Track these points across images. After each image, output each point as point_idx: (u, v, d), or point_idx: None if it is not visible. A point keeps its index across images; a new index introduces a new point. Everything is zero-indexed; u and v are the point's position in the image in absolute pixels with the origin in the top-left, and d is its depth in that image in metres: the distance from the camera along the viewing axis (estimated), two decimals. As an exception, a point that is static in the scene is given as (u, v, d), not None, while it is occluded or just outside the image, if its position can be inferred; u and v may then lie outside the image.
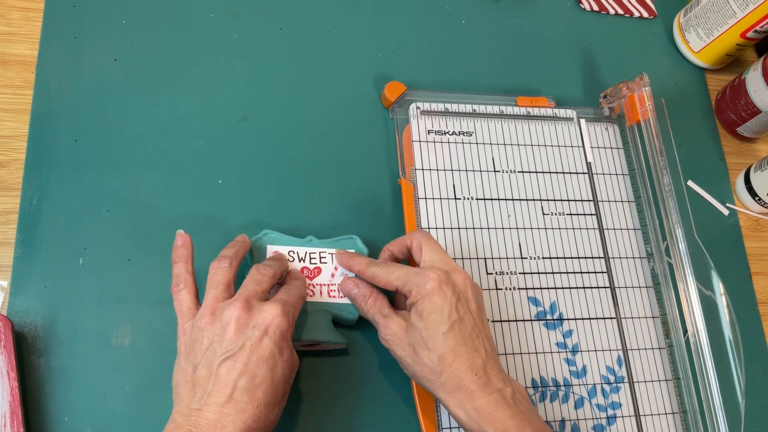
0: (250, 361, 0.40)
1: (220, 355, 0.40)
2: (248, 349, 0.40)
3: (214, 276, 0.44)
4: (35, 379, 0.45)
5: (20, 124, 0.52)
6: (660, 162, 0.58)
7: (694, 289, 0.54)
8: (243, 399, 0.39)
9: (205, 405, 0.39)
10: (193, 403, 0.39)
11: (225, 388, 0.39)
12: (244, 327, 0.41)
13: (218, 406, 0.38)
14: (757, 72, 0.62)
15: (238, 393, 0.39)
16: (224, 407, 0.38)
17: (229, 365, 0.39)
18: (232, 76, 0.57)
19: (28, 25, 0.55)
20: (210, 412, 0.38)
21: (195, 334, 0.42)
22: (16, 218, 0.49)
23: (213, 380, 0.39)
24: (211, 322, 0.41)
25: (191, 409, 0.39)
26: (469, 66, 0.64)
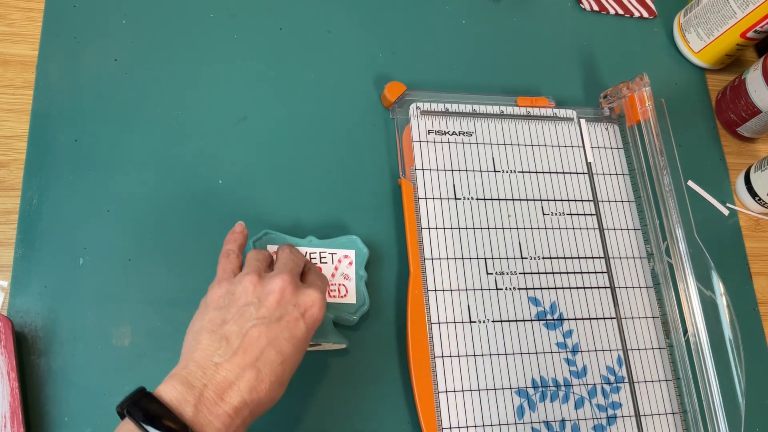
0: (281, 336, 0.39)
1: (254, 318, 0.39)
2: (283, 324, 0.40)
3: (226, 266, 0.44)
4: (35, 379, 0.45)
5: (20, 124, 0.52)
6: (660, 162, 0.58)
7: (694, 289, 0.54)
8: (265, 369, 0.38)
9: (227, 362, 0.37)
10: (215, 356, 0.38)
11: (252, 351, 0.38)
12: (287, 302, 0.41)
13: (240, 368, 0.37)
14: (758, 72, 0.62)
15: (263, 362, 0.38)
16: (246, 371, 0.38)
17: (260, 330, 0.39)
18: (232, 76, 0.57)
19: (29, 25, 0.55)
20: (230, 372, 0.37)
21: (235, 288, 0.41)
22: (16, 218, 0.49)
23: (241, 339, 0.38)
24: (255, 284, 0.41)
25: (211, 362, 0.37)
26: (469, 66, 0.64)
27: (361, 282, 0.50)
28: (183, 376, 0.37)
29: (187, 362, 0.38)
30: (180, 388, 0.36)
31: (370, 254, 0.52)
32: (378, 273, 0.53)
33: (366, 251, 0.51)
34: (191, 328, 0.41)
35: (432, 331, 0.51)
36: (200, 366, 0.37)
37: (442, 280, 0.53)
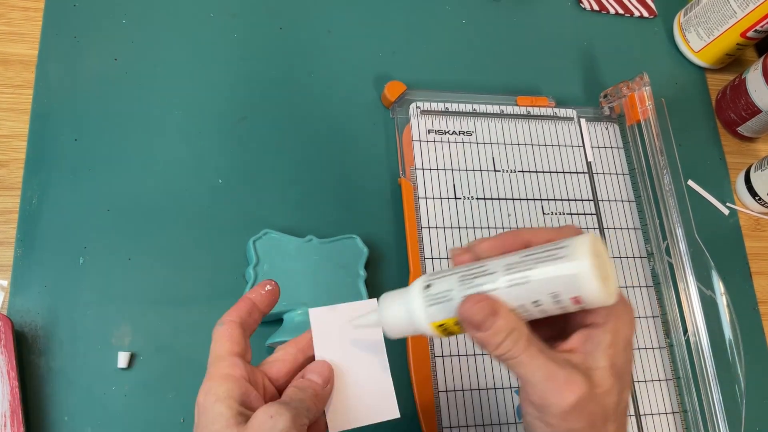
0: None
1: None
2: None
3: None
4: (35, 379, 0.45)
5: (20, 124, 0.52)
6: (660, 161, 0.58)
7: (694, 288, 0.54)
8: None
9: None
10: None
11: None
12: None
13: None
14: (758, 72, 0.62)
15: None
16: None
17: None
18: (232, 76, 0.57)
19: (28, 24, 0.55)
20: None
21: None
22: (16, 218, 0.49)
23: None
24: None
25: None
26: (469, 66, 0.64)
27: (360, 282, 0.50)
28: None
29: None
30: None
31: (370, 254, 0.52)
32: (378, 273, 0.53)
33: (366, 251, 0.51)
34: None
35: (432, 331, 0.51)
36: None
37: (442, 280, 0.53)
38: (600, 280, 0.28)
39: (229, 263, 0.51)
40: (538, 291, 0.30)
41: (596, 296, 0.29)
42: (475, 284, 0.31)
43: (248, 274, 0.49)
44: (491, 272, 0.30)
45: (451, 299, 0.31)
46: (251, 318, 0.36)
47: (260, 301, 0.37)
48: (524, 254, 0.30)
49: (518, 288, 0.30)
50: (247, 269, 0.49)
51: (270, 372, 0.35)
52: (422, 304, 0.32)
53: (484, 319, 0.30)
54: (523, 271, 0.30)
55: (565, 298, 0.29)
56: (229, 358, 0.34)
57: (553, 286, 0.29)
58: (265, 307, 0.37)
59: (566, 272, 0.29)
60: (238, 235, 0.52)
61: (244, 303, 0.36)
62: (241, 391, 0.32)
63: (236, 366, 0.33)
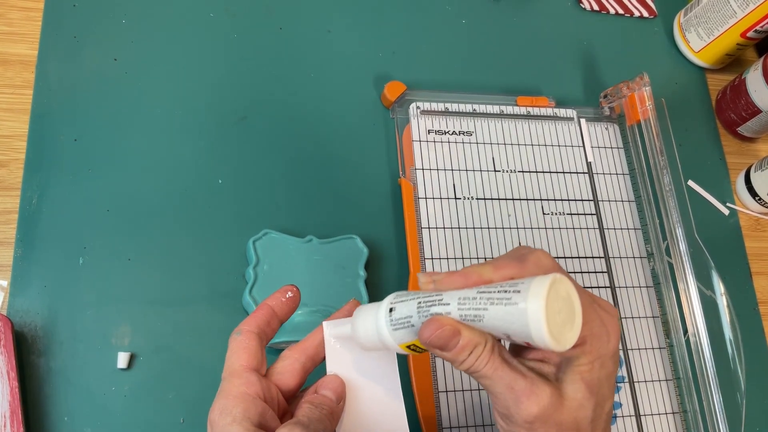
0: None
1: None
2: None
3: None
4: (35, 379, 0.45)
5: (20, 124, 0.52)
6: (660, 162, 0.58)
7: (694, 288, 0.54)
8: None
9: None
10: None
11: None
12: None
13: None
14: (758, 72, 0.62)
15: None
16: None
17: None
18: (232, 76, 0.57)
19: (28, 24, 0.55)
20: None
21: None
22: (16, 218, 0.49)
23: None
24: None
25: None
26: (469, 66, 0.64)
27: (360, 282, 0.50)
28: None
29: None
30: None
31: (370, 254, 0.52)
32: (378, 273, 0.53)
33: (366, 251, 0.51)
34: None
35: (432, 331, 0.51)
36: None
37: (442, 280, 0.53)
38: (547, 328, 0.27)
39: (229, 263, 0.51)
40: (491, 329, 0.29)
41: (546, 344, 0.28)
42: (430, 312, 0.31)
43: (248, 274, 0.49)
44: (445, 303, 0.30)
45: (413, 325, 0.31)
46: (269, 327, 0.35)
47: (280, 309, 0.35)
48: (481, 290, 0.30)
49: (472, 323, 0.30)
50: (247, 269, 0.49)
51: (280, 383, 0.34)
52: (388, 327, 0.32)
53: (445, 342, 0.30)
54: (476, 309, 0.30)
55: (518, 340, 0.29)
56: (246, 374, 0.33)
57: (503, 328, 0.29)
58: (284, 315, 0.35)
59: (515, 318, 0.28)
60: (238, 235, 0.52)
61: (263, 311, 0.35)
62: (257, 411, 0.31)
63: (252, 384, 0.32)
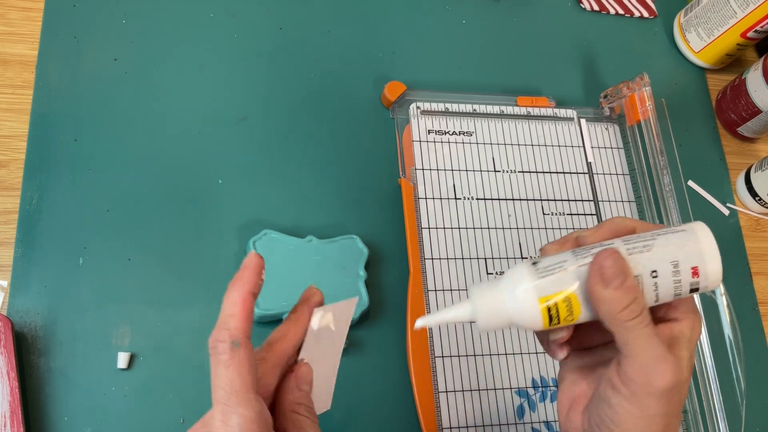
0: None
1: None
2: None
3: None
4: (35, 379, 0.45)
5: (20, 124, 0.52)
6: (660, 162, 0.58)
7: (694, 289, 0.54)
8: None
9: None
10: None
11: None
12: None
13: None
14: (758, 72, 0.62)
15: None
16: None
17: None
18: (232, 76, 0.57)
19: (28, 24, 0.55)
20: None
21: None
22: (16, 218, 0.49)
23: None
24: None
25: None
26: (469, 66, 0.64)
27: (360, 282, 0.50)
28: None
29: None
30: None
31: (370, 254, 0.52)
32: (378, 273, 0.53)
33: (366, 251, 0.51)
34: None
35: (432, 331, 0.51)
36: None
37: (442, 280, 0.53)
38: (717, 248, 0.29)
39: (229, 263, 0.51)
40: (660, 258, 0.29)
41: (716, 270, 0.29)
42: (592, 253, 0.29)
43: (248, 274, 0.49)
44: (609, 243, 0.30)
45: (566, 269, 0.29)
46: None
47: (258, 293, 0.32)
48: (640, 234, 0.30)
49: (638, 256, 0.29)
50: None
51: (263, 394, 0.32)
52: (532, 278, 0.30)
53: (616, 273, 0.28)
54: (645, 240, 0.29)
55: (684, 268, 0.29)
56: (256, 402, 0.29)
57: (675, 252, 0.29)
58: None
59: (690, 241, 0.30)
60: (238, 235, 0.52)
61: (249, 304, 0.31)
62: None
63: (264, 413, 0.29)
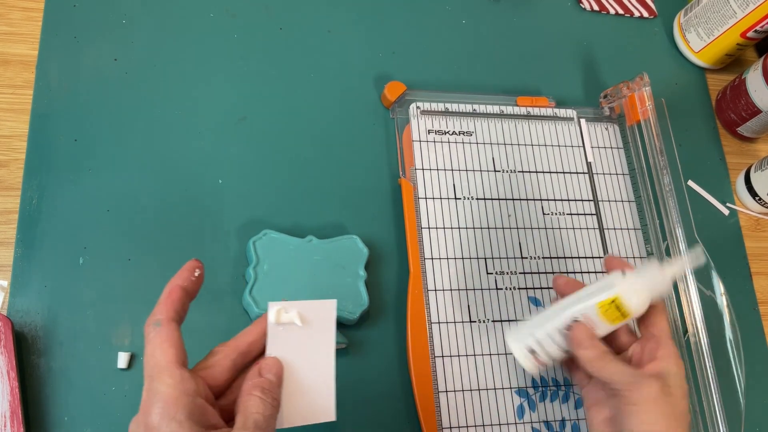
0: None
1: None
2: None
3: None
4: (35, 379, 0.45)
5: (20, 124, 0.52)
6: (660, 162, 0.58)
7: (694, 289, 0.54)
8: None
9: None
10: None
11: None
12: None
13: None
14: (758, 72, 0.62)
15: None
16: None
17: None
18: (232, 76, 0.57)
19: (28, 24, 0.55)
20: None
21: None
22: (16, 218, 0.49)
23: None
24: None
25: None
26: (469, 66, 0.64)
27: (360, 282, 0.50)
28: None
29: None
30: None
31: (370, 254, 0.52)
32: (378, 273, 0.53)
33: (366, 251, 0.51)
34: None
35: (432, 331, 0.51)
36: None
37: (442, 280, 0.53)
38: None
39: (229, 263, 0.51)
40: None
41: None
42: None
43: (248, 274, 0.49)
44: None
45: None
46: (184, 310, 0.33)
47: (191, 289, 0.34)
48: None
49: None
50: (247, 269, 0.49)
51: (209, 378, 0.33)
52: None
53: (584, 340, 0.42)
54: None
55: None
56: (177, 370, 0.31)
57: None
58: (194, 294, 0.34)
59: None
60: (238, 235, 0.52)
61: (177, 294, 0.32)
62: (200, 411, 0.30)
63: (187, 380, 0.31)
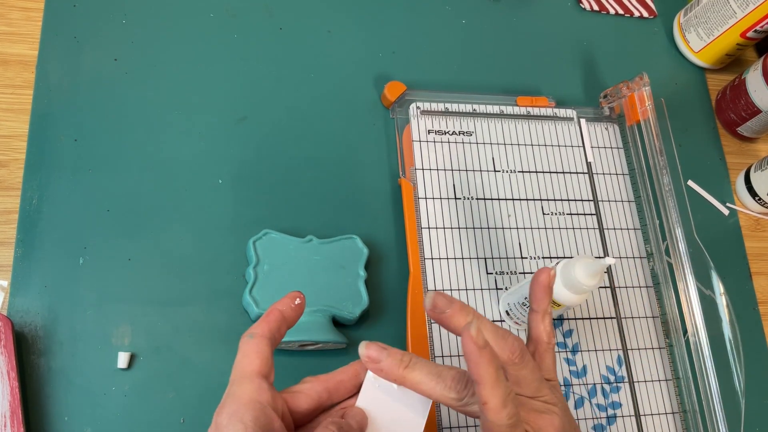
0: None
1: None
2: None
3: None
4: (35, 379, 0.45)
5: (20, 124, 0.52)
6: (660, 162, 0.58)
7: (694, 288, 0.54)
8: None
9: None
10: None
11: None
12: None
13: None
14: (758, 72, 0.62)
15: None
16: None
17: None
18: (232, 76, 0.57)
19: (28, 25, 0.55)
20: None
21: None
22: (16, 218, 0.49)
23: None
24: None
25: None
26: (469, 66, 0.64)
27: (360, 282, 0.50)
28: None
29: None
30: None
31: (370, 254, 0.52)
32: (378, 273, 0.53)
33: (366, 251, 0.51)
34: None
35: (432, 331, 0.51)
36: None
37: (442, 280, 0.53)
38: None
39: (229, 263, 0.51)
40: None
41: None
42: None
43: (248, 274, 0.49)
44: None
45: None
46: (279, 333, 0.35)
47: (289, 315, 0.36)
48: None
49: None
50: (247, 269, 0.49)
51: (291, 402, 0.34)
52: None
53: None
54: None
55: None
56: (257, 380, 0.33)
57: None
58: (292, 321, 0.36)
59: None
60: (238, 235, 0.52)
61: (274, 316, 0.35)
62: (267, 420, 0.31)
63: (263, 390, 0.32)
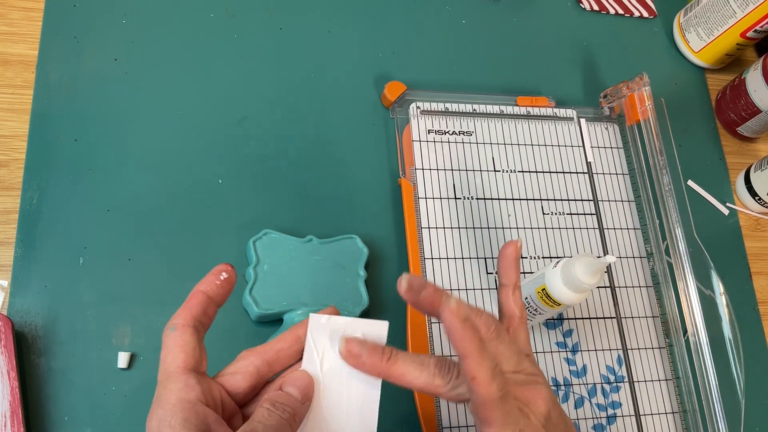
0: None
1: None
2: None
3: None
4: (35, 379, 0.45)
5: (20, 124, 0.52)
6: (660, 162, 0.58)
7: (694, 288, 0.54)
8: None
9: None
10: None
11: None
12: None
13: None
14: (757, 72, 0.62)
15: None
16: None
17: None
18: (232, 76, 0.57)
19: (29, 24, 0.55)
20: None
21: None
22: (16, 218, 0.49)
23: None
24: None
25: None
26: (469, 66, 0.64)
27: (360, 282, 0.50)
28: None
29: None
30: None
31: (370, 254, 0.52)
32: (378, 273, 0.53)
33: (366, 251, 0.51)
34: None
35: (432, 331, 0.51)
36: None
37: (442, 280, 0.53)
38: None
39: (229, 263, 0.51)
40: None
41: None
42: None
43: (248, 274, 0.49)
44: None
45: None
46: (206, 316, 0.33)
47: (215, 293, 0.33)
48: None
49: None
50: (247, 269, 0.49)
51: (229, 385, 0.32)
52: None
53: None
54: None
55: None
56: (183, 376, 0.31)
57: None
58: (221, 299, 0.33)
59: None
60: (238, 235, 0.52)
61: (196, 299, 0.32)
62: (199, 418, 0.30)
63: (191, 388, 0.30)
